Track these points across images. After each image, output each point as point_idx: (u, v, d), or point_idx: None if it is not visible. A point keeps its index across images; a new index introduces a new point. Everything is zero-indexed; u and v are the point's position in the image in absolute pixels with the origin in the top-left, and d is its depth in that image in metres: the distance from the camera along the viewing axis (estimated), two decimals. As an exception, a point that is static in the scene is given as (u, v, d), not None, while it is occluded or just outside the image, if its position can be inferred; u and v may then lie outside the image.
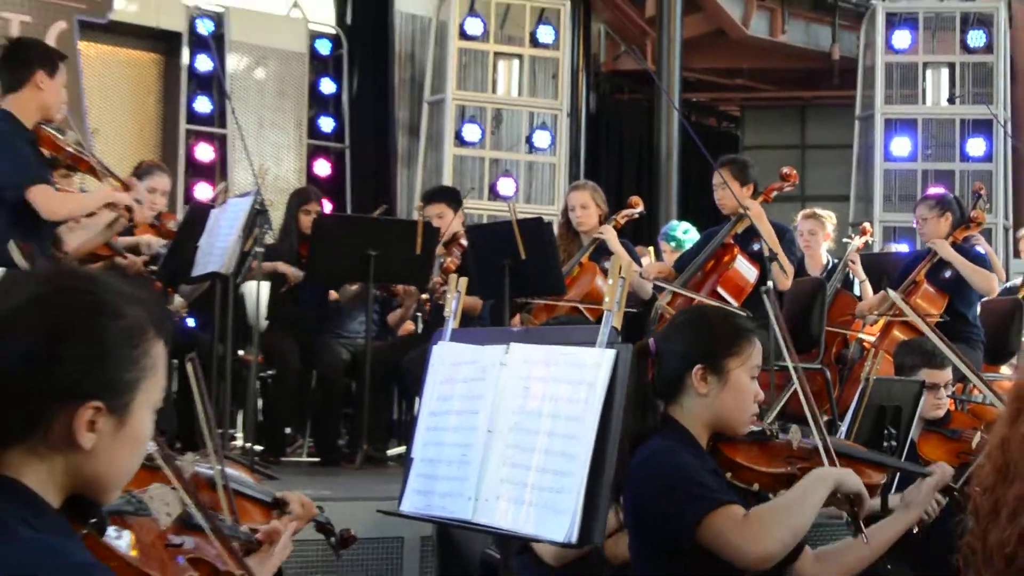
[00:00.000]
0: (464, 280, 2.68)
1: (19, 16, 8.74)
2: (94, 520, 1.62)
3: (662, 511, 2.66)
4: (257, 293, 6.29)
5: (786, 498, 2.69)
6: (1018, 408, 1.77)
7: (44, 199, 4.62)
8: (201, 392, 2.37)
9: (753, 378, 2.80)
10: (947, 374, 4.56)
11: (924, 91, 11.02)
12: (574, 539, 2.16)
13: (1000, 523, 1.71)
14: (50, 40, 8.29)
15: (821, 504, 2.65)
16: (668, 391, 2.81)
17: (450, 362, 2.55)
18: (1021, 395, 1.79)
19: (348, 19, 10.93)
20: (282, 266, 6.35)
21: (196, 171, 9.82)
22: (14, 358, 1.50)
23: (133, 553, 1.78)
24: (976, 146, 10.78)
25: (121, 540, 1.79)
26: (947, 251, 6.50)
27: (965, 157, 10.80)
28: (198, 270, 5.57)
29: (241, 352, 6.39)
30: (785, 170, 6.40)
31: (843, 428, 4.11)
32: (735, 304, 6.00)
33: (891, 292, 5.32)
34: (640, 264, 6.55)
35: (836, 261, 7.58)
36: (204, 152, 9.86)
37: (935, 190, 9.26)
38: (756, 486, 2.83)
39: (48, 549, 1.44)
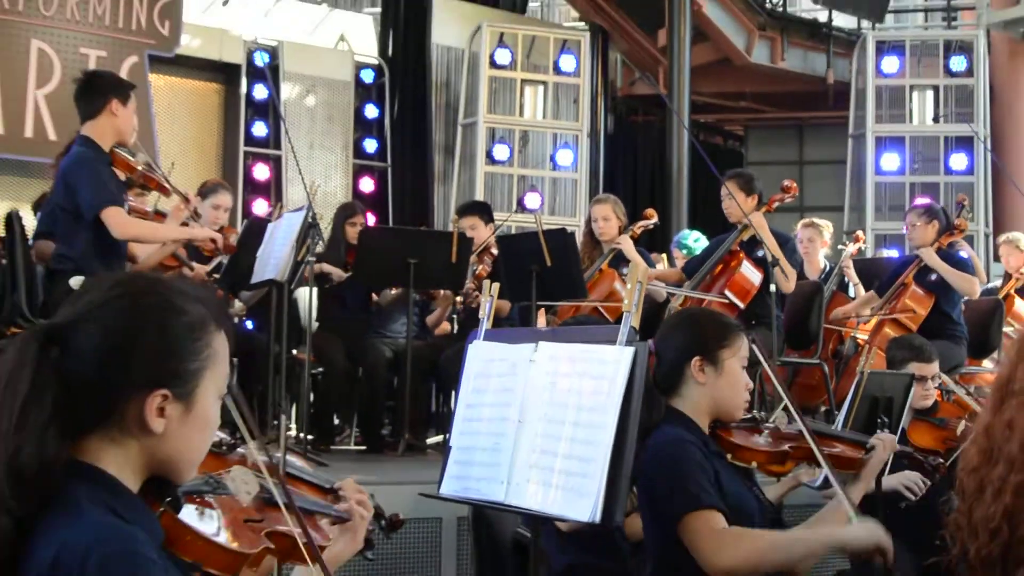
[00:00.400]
0: (496, 285, 2.68)
1: (96, 52, 8.82)
2: (170, 499, 1.63)
3: (660, 501, 2.67)
4: (309, 298, 6.31)
5: (777, 534, 2.66)
6: (1000, 397, 1.77)
7: (115, 220, 4.66)
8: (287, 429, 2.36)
9: (743, 368, 2.84)
10: (934, 367, 4.52)
11: (911, 111, 10.96)
12: (598, 518, 2.16)
13: (985, 501, 1.70)
14: (123, 73, 8.36)
15: (812, 557, 2.61)
16: (669, 385, 2.83)
17: (484, 359, 2.56)
18: (1003, 386, 1.79)
19: (390, 51, 10.97)
20: (327, 266, 6.35)
21: (254, 189, 9.88)
22: (91, 354, 1.52)
23: (223, 534, 1.77)
24: (959, 161, 10.71)
25: (211, 519, 1.78)
26: (932, 259, 6.45)
27: (949, 171, 10.73)
28: (256, 278, 5.60)
29: (294, 351, 6.41)
30: (786, 183, 6.38)
31: (840, 418, 4.09)
32: (742, 305, 5.99)
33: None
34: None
35: (832, 266, 7.55)
36: (261, 172, 9.91)
37: (922, 201, 9.19)
38: (754, 463, 2.88)
39: (110, 533, 1.44)
